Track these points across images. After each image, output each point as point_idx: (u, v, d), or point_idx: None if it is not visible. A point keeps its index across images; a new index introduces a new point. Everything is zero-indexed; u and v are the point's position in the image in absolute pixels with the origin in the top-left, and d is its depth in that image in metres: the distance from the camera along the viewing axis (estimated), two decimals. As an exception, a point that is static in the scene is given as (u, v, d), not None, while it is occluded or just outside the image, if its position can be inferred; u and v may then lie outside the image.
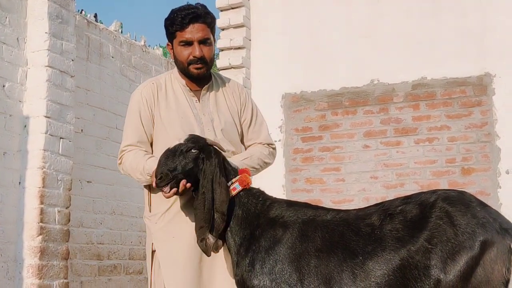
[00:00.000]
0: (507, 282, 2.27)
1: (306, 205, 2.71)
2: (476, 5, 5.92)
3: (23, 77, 3.86)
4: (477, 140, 5.72)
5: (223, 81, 3.03)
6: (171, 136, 2.77)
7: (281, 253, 2.52)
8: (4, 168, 3.69)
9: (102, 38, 4.69)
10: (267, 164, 3.02)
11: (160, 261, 2.87)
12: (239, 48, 6.56)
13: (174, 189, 2.56)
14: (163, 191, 2.59)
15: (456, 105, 5.83)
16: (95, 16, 4.92)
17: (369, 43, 6.14)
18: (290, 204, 2.72)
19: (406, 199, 2.48)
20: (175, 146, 2.69)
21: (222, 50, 6.73)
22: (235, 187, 2.67)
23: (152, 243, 2.93)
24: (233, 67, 6.58)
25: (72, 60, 4.06)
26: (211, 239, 2.56)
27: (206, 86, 2.91)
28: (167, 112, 2.83)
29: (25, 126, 3.82)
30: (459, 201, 2.37)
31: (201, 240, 2.57)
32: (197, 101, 2.90)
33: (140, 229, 4.94)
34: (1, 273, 3.60)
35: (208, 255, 2.57)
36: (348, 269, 2.40)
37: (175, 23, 2.82)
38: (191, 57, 2.79)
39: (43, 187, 3.76)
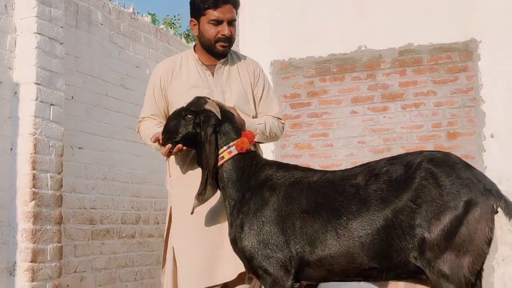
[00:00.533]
0: (490, 241, 2.30)
1: (295, 167, 2.73)
2: (463, -30, 5.87)
3: (12, 44, 3.80)
4: (462, 105, 5.75)
5: (239, 57, 3.14)
6: (181, 105, 2.88)
7: (268, 215, 2.54)
8: (-5, 135, 3.67)
9: (91, 5, 4.62)
10: (276, 136, 3.12)
11: (173, 217, 3.01)
12: (229, 16, 6.49)
13: (169, 146, 2.73)
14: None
15: (442, 70, 5.84)
16: (83, -18, 4.84)
17: (357, 10, 6.12)
18: (280, 166, 2.74)
19: (392, 160, 2.49)
20: (177, 109, 2.76)
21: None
22: (231, 150, 2.70)
23: (171, 207, 3.06)
24: (222, 35, 6.53)
25: (61, 27, 4.00)
26: (196, 203, 2.64)
27: (222, 61, 3.03)
28: (180, 86, 2.98)
29: (16, 93, 3.78)
30: (444, 162, 2.38)
31: (198, 195, 2.63)
32: (210, 75, 3.02)
33: (132, 194, 4.95)
34: (-5, 238, 3.61)
35: (191, 212, 2.66)
36: (332, 229, 2.42)
37: (208, 1, 2.91)
38: (219, 35, 2.92)
39: (35, 153, 3.73)
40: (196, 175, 2.84)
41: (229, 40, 2.95)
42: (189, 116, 2.72)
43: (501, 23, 5.65)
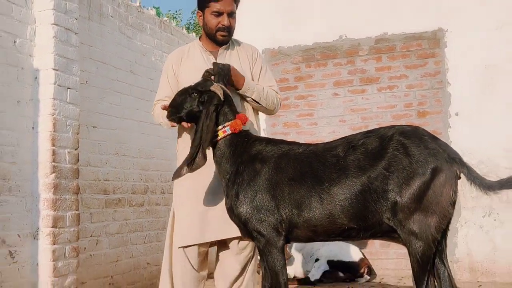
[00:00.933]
0: (454, 203, 2.32)
1: (282, 142, 2.74)
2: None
3: (32, 34, 3.77)
4: (431, 87, 5.76)
5: (239, 45, 3.17)
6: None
7: (260, 184, 2.55)
8: (19, 115, 3.64)
9: (102, 0, 4.59)
10: (272, 104, 3.09)
11: (175, 184, 3.06)
12: (224, 9, 6.45)
13: (173, 124, 2.84)
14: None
15: (413, 56, 5.84)
16: (95, -21, 4.79)
17: (339, 3, 6.10)
18: (268, 141, 2.75)
19: (368, 133, 2.50)
20: (186, 87, 2.77)
21: (209, 11, 6.63)
22: (226, 130, 2.70)
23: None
24: (218, 26, 6.50)
25: (76, 19, 3.97)
26: (183, 171, 2.64)
27: (224, 47, 3.06)
28: (188, 69, 3.04)
29: (36, 77, 3.76)
30: (414, 135, 2.39)
31: (187, 163, 2.64)
32: (213, 59, 3.03)
33: (141, 167, 4.96)
34: (21, 207, 3.61)
35: (173, 178, 2.72)
36: (316, 195, 2.43)
37: None
38: (220, 25, 2.96)
39: (54, 131, 3.73)
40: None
41: (229, 30, 2.98)
42: (195, 94, 2.73)
43: (465, 14, 5.64)
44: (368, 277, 5.44)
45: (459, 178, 2.33)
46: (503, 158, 5.39)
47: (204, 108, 2.67)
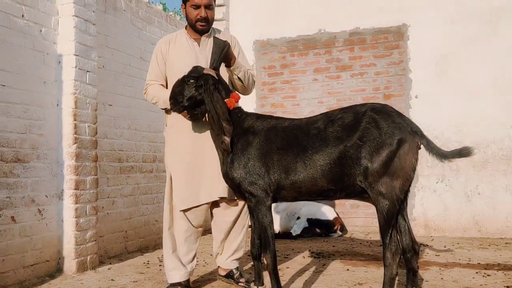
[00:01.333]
0: (415, 169, 2.32)
1: (270, 117, 2.72)
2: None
3: (56, 24, 3.67)
4: (395, 74, 5.75)
5: (220, 33, 3.14)
6: (176, 71, 2.92)
7: (252, 153, 2.54)
8: (45, 93, 3.58)
9: (116, -4, 4.49)
10: (250, 82, 3.03)
11: (168, 155, 3.05)
12: (220, 5, 6.38)
13: (185, 112, 2.78)
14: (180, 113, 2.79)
15: (381, 48, 5.81)
16: (110, -22, 4.68)
17: (319, 1, 6.05)
18: (258, 116, 2.73)
19: (344, 109, 2.48)
20: (181, 77, 2.70)
21: (208, 7, 6.53)
22: None
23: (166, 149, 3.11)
24: (216, 20, 6.40)
25: (93, 12, 3.87)
26: (226, 139, 2.57)
27: (206, 35, 3.02)
28: (175, 53, 3.00)
29: (59, 62, 3.68)
30: (383, 111, 2.38)
31: (221, 142, 2.58)
32: (197, 45, 3.01)
33: (150, 140, 4.92)
34: (47, 172, 3.56)
35: (229, 151, 2.61)
36: (301, 161, 2.42)
37: None
38: (198, 17, 2.93)
39: (75, 108, 3.67)
40: (185, 123, 2.90)
41: (206, 20, 2.95)
42: (191, 81, 2.67)
43: (424, 11, 5.61)
44: (341, 233, 5.49)
45: (420, 148, 2.33)
46: (453, 133, 5.42)
47: (204, 89, 2.62)
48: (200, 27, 2.97)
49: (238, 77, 2.94)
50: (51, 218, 3.57)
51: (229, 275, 3.23)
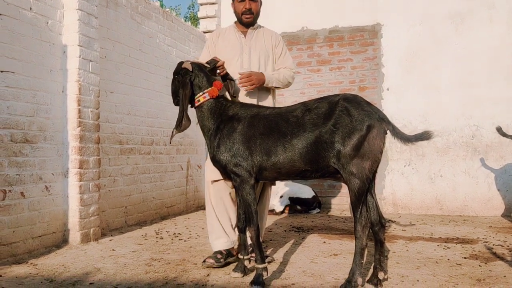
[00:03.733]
0: (382, 151, 2.34)
1: (252, 105, 2.72)
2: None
3: (61, 17, 3.61)
4: (369, 68, 5.75)
5: (266, 30, 3.12)
6: (223, 56, 2.94)
7: (237, 137, 2.53)
8: (51, 81, 3.52)
9: (117, -8, 4.41)
10: (289, 82, 3.08)
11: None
12: (213, 3, 6.30)
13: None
14: None
15: (357, 44, 5.80)
16: (111, -24, 4.59)
17: (301, 2, 6.01)
18: (242, 105, 2.72)
19: (320, 99, 2.48)
20: (172, 78, 2.76)
21: (202, 5, 6.45)
22: (205, 96, 2.66)
23: None
24: (209, 17, 6.35)
25: (96, 6, 3.81)
26: (175, 132, 2.60)
27: (252, 28, 3.04)
28: (222, 45, 3.01)
29: (64, 52, 3.62)
30: (354, 100, 2.38)
31: (172, 132, 2.63)
32: (243, 37, 3.02)
33: (148, 125, 4.88)
34: (54, 152, 3.53)
35: (169, 141, 2.83)
36: (281, 145, 2.43)
37: None
38: (243, 9, 2.95)
39: (79, 94, 3.62)
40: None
41: (251, 12, 2.98)
42: (176, 77, 2.70)
43: (396, 12, 5.61)
44: (318, 210, 5.53)
45: (386, 133, 2.35)
46: (420, 122, 5.47)
47: (179, 82, 2.65)
48: (246, 19, 2.98)
49: (274, 87, 3.00)
50: (57, 194, 3.55)
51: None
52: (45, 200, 3.43)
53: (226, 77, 2.87)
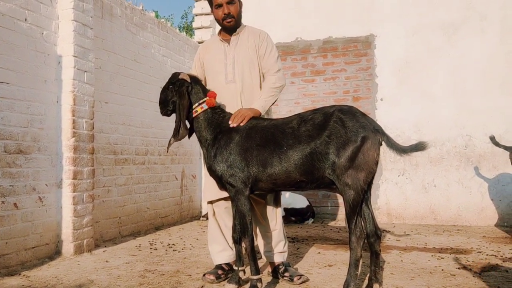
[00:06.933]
0: (377, 162, 2.35)
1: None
2: (367, -13, 5.84)
3: (56, 27, 3.62)
4: (363, 79, 5.80)
5: (251, 31, 2.94)
6: (210, 71, 2.92)
7: (233, 148, 2.54)
8: (46, 91, 3.52)
9: (112, 3, 4.41)
10: (279, 87, 2.85)
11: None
12: (208, 14, 6.34)
13: (166, 115, 2.79)
14: None
15: (351, 55, 5.85)
16: (107, -13, 4.61)
17: (296, 13, 6.05)
18: (240, 116, 2.71)
19: (315, 111, 2.50)
20: (164, 86, 2.76)
21: (196, 15, 6.48)
22: (203, 106, 2.67)
23: None
24: (204, 27, 6.38)
25: (91, 17, 3.82)
26: (173, 140, 2.63)
27: (235, 34, 2.90)
28: (208, 57, 2.94)
29: (59, 62, 3.63)
30: (349, 112, 2.40)
31: (168, 142, 2.65)
32: (228, 46, 2.90)
33: (142, 135, 4.88)
34: (48, 162, 3.52)
35: (167, 150, 2.75)
36: (276, 156, 2.43)
37: None
38: (222, 15, 2.82)
39: (74, 105, 3.62)
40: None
41: (231, 16, 2.82)
42: (171, 87, 2.70)
43: (389, 24, 5.67)
44: (313, 220, 5.54)
45: (381, 144, 2.36)
46: (413, 132, 5.51)
47: (177, 92, 2.66)
48: (228, 23, 2.83)
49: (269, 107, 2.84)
50: (51, 205, 3.52)
51: (274, 270, 2.94)
52: (39, 211, 3.41)
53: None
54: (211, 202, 2.97)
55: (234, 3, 2.84)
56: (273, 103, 2.86)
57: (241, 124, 2.59)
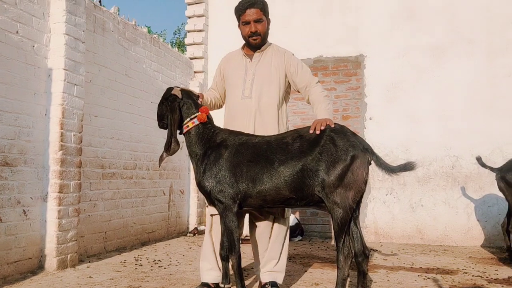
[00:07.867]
0: (366, 181, 2.36)
1: (241, 133, 2.72)
2: (356, 7, 5.95)
3: (48, 41, 3.61)
4: (353, 98, 5.85)
5: (276, 50, 2.95)
6: (229, 84, 2.95)
7: (223, 164, 2.53)
8: (35, 104, 3.49)
9: (105, 17, 4.43)
10: (328, 95, 2.90)
11: None
12: (200, 31, 6.39)
13: (164, 128, 2.79)
14: None
15: (341, 74, 5.92)
16: (100, 1, 4.63)
17: (287, 33, 6.12)
18: (230, 132, 2.72)
19: (308, 128, 2.52)
20: (160, 101, 2.77)
21: (189, 32, 6.53)
22: (194, 121, 2.67)
23: None
24: (195, 43, 6.42)
25: (83, 31, 3.82)
26: (165, 155, 2.65)
27: (259, 51, 2.92)
28: (229, 70, 2.96)
29: (49, 75, 3.61)
30: (340, 131, 2.42)
31: (160, 157, 2.65)
32: (249, 61, 2.91)
33: (131, 149, 4.85)
34: (34, 175, 3.47)
35: (159, 165, 2.73)
36: (267, 172, 2.43)
37: (238, 10, 2.87)
38: (249, 32, 2.84)
39: (63, 118, 3.59)
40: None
41: (257, 34, 2.85)
42: (164, 103, 2.72)
43: (379, 45, 5.76)
44: (301, 237, 5.51)
45: (370, 163, 2.38)
46: (401, 152, 5.56)
47: (168, 108, 2.68)
48: (253, 41, 2.85)
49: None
50: (35, 219, 3.46)
51: None
52: (22, 224, 3.34)
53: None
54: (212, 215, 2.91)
55: (262, 21, 2.86)
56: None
57: (322, 128, 2.44)
